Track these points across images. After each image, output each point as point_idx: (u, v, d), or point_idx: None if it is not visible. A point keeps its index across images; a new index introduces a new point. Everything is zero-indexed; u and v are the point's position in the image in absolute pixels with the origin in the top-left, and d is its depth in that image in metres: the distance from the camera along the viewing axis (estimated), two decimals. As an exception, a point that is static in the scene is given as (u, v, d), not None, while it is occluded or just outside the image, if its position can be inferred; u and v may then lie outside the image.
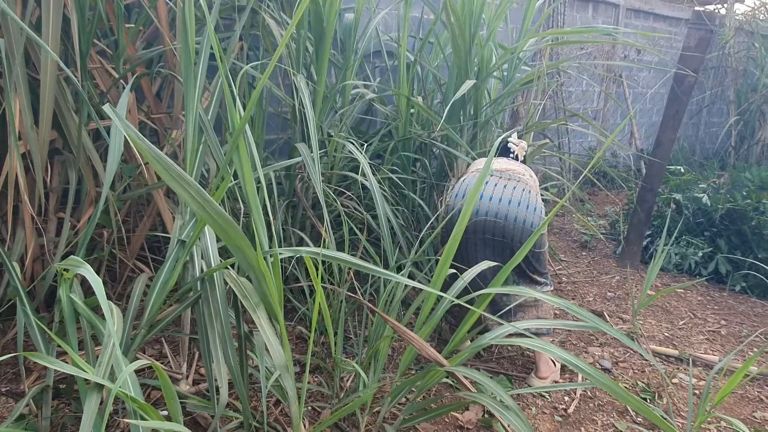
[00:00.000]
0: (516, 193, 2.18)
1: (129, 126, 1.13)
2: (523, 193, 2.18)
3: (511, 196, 2.17)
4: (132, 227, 2.42)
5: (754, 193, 3.75)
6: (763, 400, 2.33)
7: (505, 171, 2.29)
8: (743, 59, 6.51)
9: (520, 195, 2.17)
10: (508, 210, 2.14)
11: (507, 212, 2.14)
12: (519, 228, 2.14)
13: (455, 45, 2.85)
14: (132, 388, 1.18)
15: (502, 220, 2.14)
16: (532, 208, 2.15)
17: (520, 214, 2.14)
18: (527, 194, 2.18)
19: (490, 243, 2.20)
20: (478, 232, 2.19)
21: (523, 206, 2.15)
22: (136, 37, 2.38)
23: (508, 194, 2.18)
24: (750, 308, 3.29)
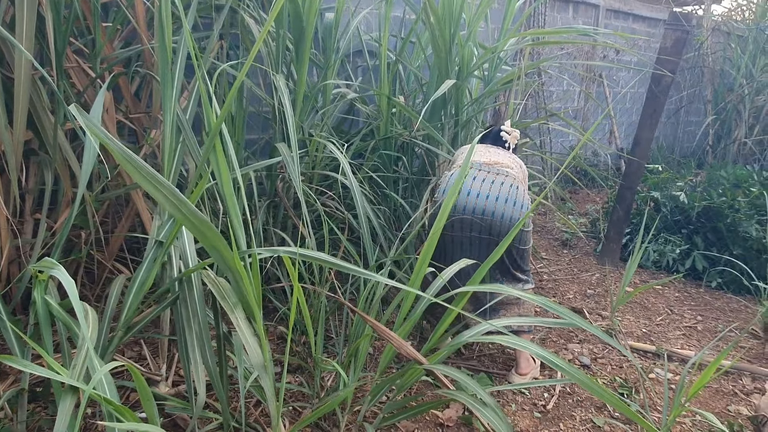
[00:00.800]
0: (503, 189, 2.16)
1: (98, 127, 1.12)
2: (510, 189, 2.16)
3: (498, 193, 2.15)
4: (111, 228, 2.40)
5: (729, 191, 3.82)
6: (737, 394, 2.38)
7: (494, 165, 2.27)
8: (720, 59, 6.63)
9: (507, 191, 2.16)
10: (495, 207, 2.13)
11: (494, 209, 2.13)
12: (506, 225, 2.13)
13: (435, 45, 2.86)
14: (107, 390, 1.17)
15: (489, 217, 2.13)
16: (519, 204, 2.15)
17: (506, 211, 2.13)
18: (515, 190, 2.17)
19: (476, 240, 2.19)
20: (465, 230, 2.18)
21: (510, 203, 2.14)
22: (114, 36, 2.35)
23: (495, 190, 2.16)
24: (725, 304, 3.36)
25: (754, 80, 6.04)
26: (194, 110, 1.98)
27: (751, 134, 5.96)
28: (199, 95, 1.96)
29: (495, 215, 2.13)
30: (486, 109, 3.70)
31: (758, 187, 3.92)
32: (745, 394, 2.38)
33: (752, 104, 6.04)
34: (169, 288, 1.58)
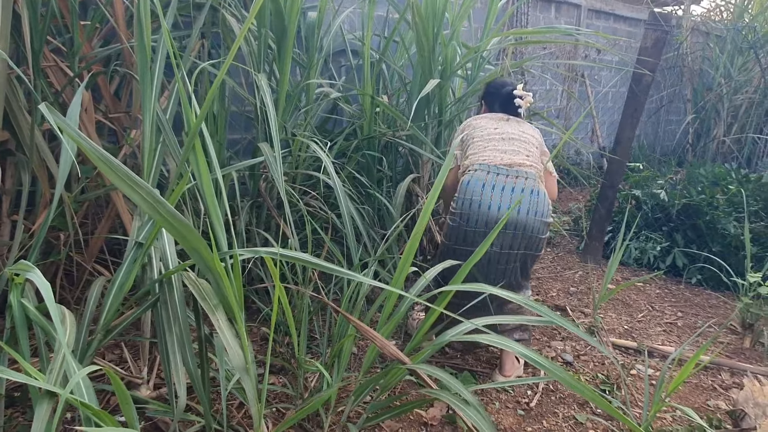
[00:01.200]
0: (525, 200, 2.09)
1: (71, 126, 1.10)
2: (531, 198, 2.09)
3: (521, 204, 2.08)
4: (90, 229, 2.36)
5: (708, 189, 3.88)
6: (716, 389, 2.42)
7: (512, 167, 2.15)
8: (699, 59, 6.73)
9: (529, 201, 2.09)
10: (517, 220, 2.07)
11: (516, 222, 2.08)
12: (527, 236, 2.10)
13: (419, 44, 2.87)
14: (85, 394, 1.16)
15: (511, 231, 2.08)
16: (541, 213, 2.10)
17: (529, 222, 2.08)
18: (536, 197, 2.10)
19: (496, 256, 2.12)
20: (495, 246, 2.10)
21: (532, 213, 2.08)
22: (92, 34, 2.32)
23: (525, 202, 2.08)
24: (705, 300, 3.41)
25: (732, 80, 6.14)
26: (174, 110, 1.96)
27: (730, 133, 6.06)
28: (179, 95, 1.94)
29: (518, 228, 2.08)
30: (469, 108, 3.71)
31: (736, 184, 3.99)
32: (724, 389, 2.42)
33: (730, 103, 6.14)
34: (150, 290, 1.57)
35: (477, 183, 2.11)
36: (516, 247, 2.12)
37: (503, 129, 2.28)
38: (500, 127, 2.29)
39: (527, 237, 2.10)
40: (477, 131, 2.29)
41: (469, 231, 2.12)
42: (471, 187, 2.12)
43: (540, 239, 2.14)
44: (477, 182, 2.11)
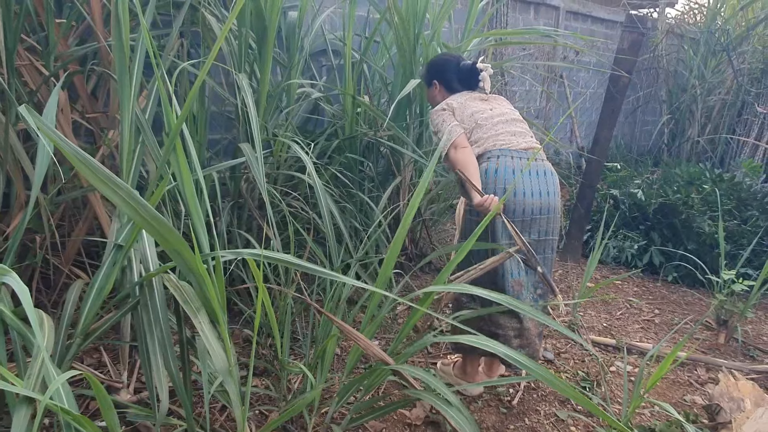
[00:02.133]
0: (551, 182, 2.05)
1: (50, 127, 1.08)
2: (554, 180, 2.07)
3: (548, 188, 2.03)
4: (67, 232, 2.32)
5: (683, 188, 3.96)
6: (692, 384, 2.48)
7: (529, 150, 2.06)
8: (674, 61, 6.86)
9: (554, 183, 2.06)
10: (549, 202, 2.02)
11: (549, 205, 2.02)
12: (557, 219, 2.07)
13: (400, 45, 2.87)
14: (65, 399, 1.14)
15: (546, 215, 2.03)
16: (559, 192, 2.09)
17: (558, 205, 2.06)
18: (556, 179, 2.08)
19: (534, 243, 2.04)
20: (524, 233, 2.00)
21: (556, 195, 2.06)
22: (68, 33, 2.28)
23: (546, 184, 2.03)
24: (681, 297, 3.48)
25: (706, 81, 6.27)
26: (154, 110, 1.93)
27: (704, 133, 6.20)
28: (158, 95, 1.91)
29: (551, 212, 2.03)
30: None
31: (710, 184, 4.08)
32: (699, 384, 2.47)
33: (704, 104, 6.27)
34: (130, 293, 1.54)
35: (507, 170, 1.98)
36: (551, 233, 2.07)
37: (497, 110, 2.15)
38: (492, 107, 2.15)
39: (557, 220, 2.07)
40: (476, 114, 2.10)
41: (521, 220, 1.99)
42: (501, 175, 1.98)
43: (560, 218, 2.12)
44: (507, 170, 1.98)
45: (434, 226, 3.59)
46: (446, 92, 2.27)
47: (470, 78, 2.22)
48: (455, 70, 2.24)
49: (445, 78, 2.26)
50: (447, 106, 2.14)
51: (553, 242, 2.09)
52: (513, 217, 1.97)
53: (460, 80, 2.24)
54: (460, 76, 2.24)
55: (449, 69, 2.25)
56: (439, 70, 2.29)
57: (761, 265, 3.18)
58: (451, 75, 2.25)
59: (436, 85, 2.30)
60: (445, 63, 2.28)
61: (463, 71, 2.23)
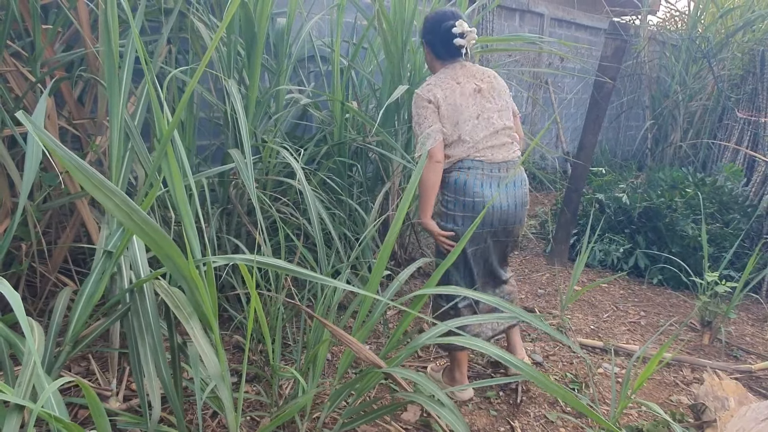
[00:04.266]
0: (520, 193, 2.15)
1: (45, 133, 1.08)
2: (524, 190, 2.18)
3: (518, 199, 2.14)
4: (54, 239, 2.30)
5: (667, 192, 4.03)
6: (678, 384, 2.51)
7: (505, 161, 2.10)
8: (656, 67, 6.98)
9: (523, 195, 2.17)
10: (516, 213, 2.14)
11: (515, 214, 2.14)
12: (519, 226, 2.21)
13: (387, 51, 2.89)
14: (56, 407, 1.13)
15: (512, 225, 2.16)
16: (527, 200, 2.21)
17: (523, 214, 2.19)
18: (526, 189, 2.19)
19: (492, 245, 2.20)
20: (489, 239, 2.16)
21: (525, 206, 2.19)
22: (55, 38, 2.26)
23: (517, 196, 2.14)
24: (666, 299, 3.53)
25: (687, 87, 6.38)
26: (143, 116, 1.93)
27: (686, 138, 6.30)
28: (148, 101, 1.91)
29: (516, 221, 2.16)
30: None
31: (693, 188, 4.15)
32: (685, 384, 2.51)
33: (686, 109, 6.38)
34: (120, 299, 1.54)
35: (476, 183, 2.03)
36: (514, 234, 2.23)
37: (481, 105, 2.08)
38: (476, 102, 2.08)
39: (521, 227, 2.23)
40: (459, 113, 2.05)
41: (478, 232, 2.09)
42: (470, 188, 2.03)
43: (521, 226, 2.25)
44: (476, 182, 2.03)
45: (423, 231, 3.61)
46: (434, 58, 2.18)
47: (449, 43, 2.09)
48: (440, 34, 2.10)
49: (431, 40, 2.16)
50: (433, 100, 2.04)
51: (513, 242, 2.27)
52: (483, 228, 2.09)
53: (443, 45, 2.11)
54: (444, 43, 2.11)
55: (435, 31, 2.11)
56: (428, 29, 2.17)
57: (743, 267, 3.25)
58: (436, 40, 2.13)
59: (426, 47, 2.21)
60: (434, 23, 2.13)
61: (445, 37, 2.09)
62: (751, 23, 5.61)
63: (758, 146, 4.61)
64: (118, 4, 1.93)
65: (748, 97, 4.93)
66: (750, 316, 3.33)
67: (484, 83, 2.12)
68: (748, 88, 4.94)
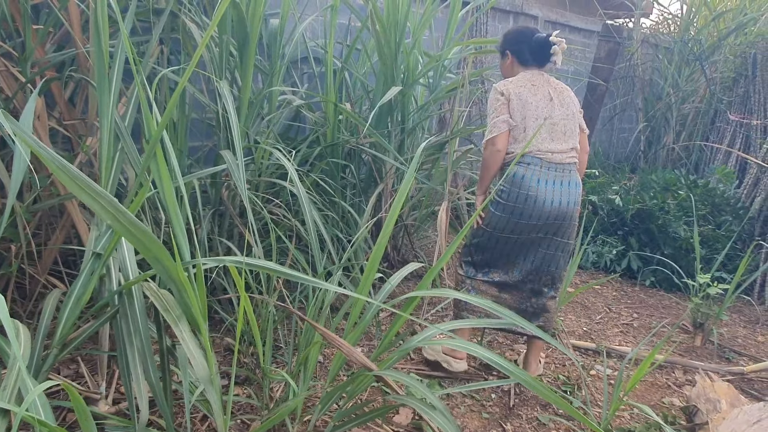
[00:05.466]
0: (573, 192, 2.21)
1: (29, 135, 1.07)
2: (577, 190, 2.23)
3: (569, 197, 2.20)
4: (44, 240, 2.28)
5: (659, 194, 4.04)
6: (670, 386, 2.52)
7: (563, 164, 2.20)
8: (649, 70, 7.00)
9: (576, 194, 2.22)
10: (567, 210, 2.19)
11: (565, 212, 2.19)
12: (569, 224, 2.23)
13: (381, 53, 2.89)
14: (42, 411, 1.12)
15: (559, 221, 2.20)
16: (578, 202, 2.24)
17: (575, 213, 2.23)
18: (579, 189, 2.25)
19: (537, 241, 2.25)
20: (532, 233, 2.22)
21: (576, 204, 2.23)
22: (46, 39, 2.25)
23: (567, 195, 2.19)
24: (659, 301, 3.54)
25: (680, 89, 6.41)
26: (133, 117, 1.91)
27: (678, 140, 6.32)
28: (138, 101, 1.90)
29: (566, 218, 2.20)
30: (431, 116, 3.76)
31: (685, 190, 4.17)
32: (677, 386, 2.51)
33: (679, 112, 6.41)
34: (108, 302, 1.52)
35: (533, 178, 2.15)
36: (561, 236, 2.24)
37: (549, 109, 2.21)
38: (546, 105, 2.21)
39: (573, 226, 2.25)
40: (528, 110, 2.18)
41: (521, 223, 2.18)
42: (527, 182, 2.15)
43: (576, 225, 2.29)
44: (533, 177, 2.15)
45: (416, 233, 3.60)
46: (518, 64, 2.33)
47: (542, 51, 2.26)
48: (529, 42, 2.28)
49: (518, 49, 2.32)
50: (505, 93, 2.20)
51: (564, 244, 2.27)
52: (529, 220, 2.17)
53: (532, 53, 2.29)
54: (532, 49, 2.28)
55: (523, 40, 2.30)
56: (514, 40, 2.34)
57: (735, 268, 3.26)
58: (524, 47, 2.30)
59: (509, 56, 2.36)
60: (520, 34, 2.33)
61: (536, 44, 2.26)
62: (743, 26, 5.64)
63: (750, 148, 4.64)
64: (108, 5, 1.92)
65: (740, 100, 4.96)
66: (742, 318, 3.35)
67: (556, 93, 2.27)
68: (740, 91, 4.97)
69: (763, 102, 4.61)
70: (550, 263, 2.28)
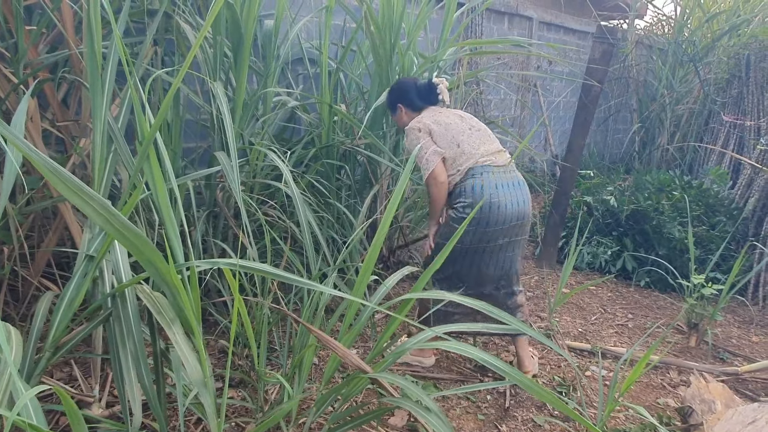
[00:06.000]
0: (525, 191, 2.32)
1: (19, 138, 1.06)
2: (525, 188, 2.34)
3: (525, 196, 2.30)
4: (36, 242, 2.26)
5: (654, 195, 4.05)
6: (665, 387, 2.52)
7: (503, 166, 2.31)
8: (643, 71, 7.03)
9: (527, 192, 2.33)
10: (525, 210, 2.30)
11: (525, 212, 2.29)
12: (526, 222, 2.32)
13: (376, 53, 2.89)
14: (34, 415, 1.10)
15: (521, 221, 2.29)
16: (530, 200, 2.35)
17: (529, 210, 2.32)
18: (526, 186, 2.35)
19: (506, 245, 2.31)
20: (499, 239, 2.27)
21: (529, 203, 2.33)
22: (38, 40, 2.23)
23: (522, 194, 2.30)
24: (653, 302, 3.55)
25: (674, 90, 6.44)
26: (127, 118, 1.90)
27: (673, 141, 6.35)
28: (131, 103, 1.89)
29: (526, 216, 2.30)
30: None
31: (680, 191, 4.18)
32: (672, 387, 2.52)
33: (673, 113, 6.43)
34: (102, 304, 1.51)
35: (491, 185, 2.23)
36: (521, 234, 2.34)
37: (468, 124, 2.36)
38: (463, 121, 2.36)
39: (528, 222, 2.35)
40: (451, 129, 2.30)
41: (489, 231, 2.24)
42: (487, 190, 2.22)
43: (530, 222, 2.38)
44: (491, 184, 2.23)
45: (411, 234, 3.60)
46: (411, 112, 2.48)
47: (430, 93, 2.43)
48: (414, 89, 2.46)
49: (407, 99, 2.47)
50: (423, 126, 2.31)
51: (522, 241, 2.39)
52: (495, 227, 2.23)
53: (421, 97, 2.45)
54: (420, 94, 2.45)
55: (409, 90, 2.47)
56: (401, 93, 2.50)
57: (729, 269, 3.27)
58: (411, 95, 2.46)
59: (401, 108, 2.50)
60: (403, 85, 2.51)
61: (422, 89, 2.45)
62: (737, 27, 5.67)
63: (744, 149, 4.66)
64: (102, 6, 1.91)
65: (733, 101, 4.98)
66: (736, 319, 3.36)
67: (463, 114, 2.43)
68: (734, 92, 4.99)
69: (756, 103, 4.64)
70: (513, 263, 2.37)
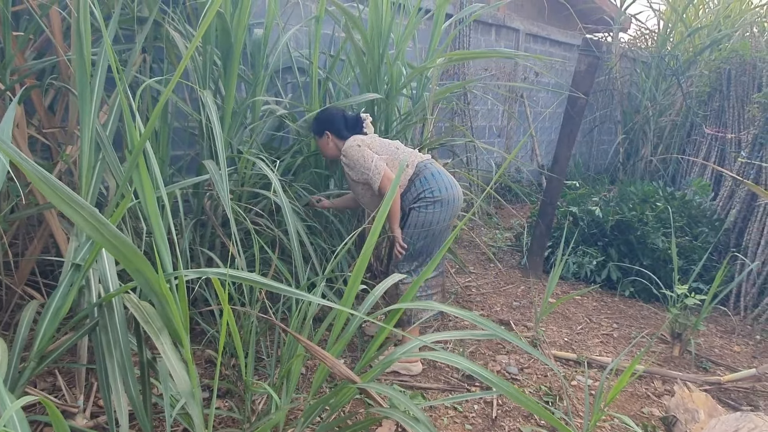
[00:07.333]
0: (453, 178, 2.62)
1: (8, 144, 1.05)
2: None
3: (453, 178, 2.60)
4: (21, 250, 2.23)
5: (638, 206, 4.11)
6: (650, 396, 2.55)
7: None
8: (627, 83, 7.15)
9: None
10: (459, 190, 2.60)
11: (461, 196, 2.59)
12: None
13: (361, 63, 2.91)
14: (19, 426, 1.09)
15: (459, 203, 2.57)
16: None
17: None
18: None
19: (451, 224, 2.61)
20: (454, 216, 2.57)
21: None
22: (26, 46, 2.22)
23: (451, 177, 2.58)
24: (638, 311, 3.59)
25: (657, 103, 6.55)
26: (115, 125, 1.89)
27: (656, 152, 6.45)
28: (120, 110, 1.88)
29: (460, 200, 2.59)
30: (414, 125, 3.78)
31: (663, 202, 4.24)
32: (656, 396, 2.55)
33: (656, 125, 6.54)
34: (88, 314, 1.50)
35: (442, 172, 2.53)
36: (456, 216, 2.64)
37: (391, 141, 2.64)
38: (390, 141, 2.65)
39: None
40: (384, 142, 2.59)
41: (448, 210, 2.50)
42: (443, 175, 2.52)
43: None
44: (441, 171, 2.53)
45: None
46: (338, 140, 2.63)
47: (356, 125, 2.64)
48: (342, 119, 2.63)
49: (335, 127, 2.62)
50: (361, 143, 2.50)
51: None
52: (453, 204, 2.51)
53: (349, 128, 2.63)
54: (348, 125, 2.63)
55: (337, 119, 2.63)
56: (329, 120, 2.64)
57: (712, 279, 3.32)
58: (339, 125, 2.62)
59: (329, 135, 2.64)
60: (331, 115, 2.66)
61: (350, 120, 2.65)
62: (718, 42, 5.79)
63: (725, 161, 4.75)
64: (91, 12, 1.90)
65: (715, 114, 5.08)
66: (718, 329, 3.41)
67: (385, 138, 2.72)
68: (715, 105, 5.09)
69: (737, 117, 4.73)
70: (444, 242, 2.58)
